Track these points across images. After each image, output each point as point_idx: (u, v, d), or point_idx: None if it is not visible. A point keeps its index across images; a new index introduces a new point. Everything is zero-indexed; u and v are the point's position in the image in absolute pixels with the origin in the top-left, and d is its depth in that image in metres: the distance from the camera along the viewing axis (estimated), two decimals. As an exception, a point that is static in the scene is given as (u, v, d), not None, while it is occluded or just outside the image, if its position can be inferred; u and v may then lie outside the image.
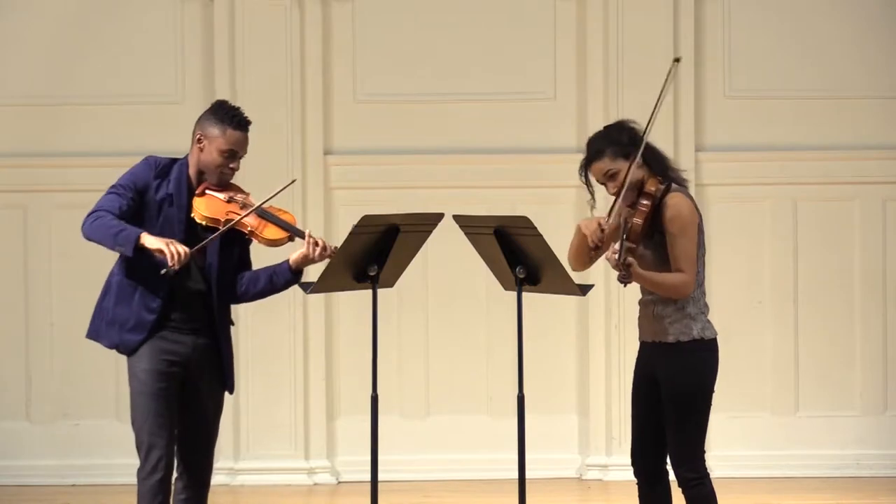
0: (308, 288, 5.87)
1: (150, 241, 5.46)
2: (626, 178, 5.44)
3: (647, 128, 5.51)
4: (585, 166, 5.56)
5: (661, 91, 5.51)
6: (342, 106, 8.90)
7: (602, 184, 5.55)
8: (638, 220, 5.39)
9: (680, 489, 5.52)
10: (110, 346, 5.67)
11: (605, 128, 5.64)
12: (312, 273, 5.75)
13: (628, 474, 5.80)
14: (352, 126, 8.91)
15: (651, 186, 5.44)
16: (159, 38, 8.85)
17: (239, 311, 8.64)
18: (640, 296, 5.66)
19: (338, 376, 8.89)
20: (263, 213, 5.64)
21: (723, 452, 8.54)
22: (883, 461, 8.87)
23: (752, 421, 8.87)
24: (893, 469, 8.86)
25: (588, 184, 5.60)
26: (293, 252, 5.70)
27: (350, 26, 8.89)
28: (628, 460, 5.68)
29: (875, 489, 8.52)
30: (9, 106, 8.86)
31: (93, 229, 5.52)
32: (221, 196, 5.63)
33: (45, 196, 8.83)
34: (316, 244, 5.63)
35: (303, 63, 8.77)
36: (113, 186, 5.60)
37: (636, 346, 5.71)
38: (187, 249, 5.45)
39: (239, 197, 5.65)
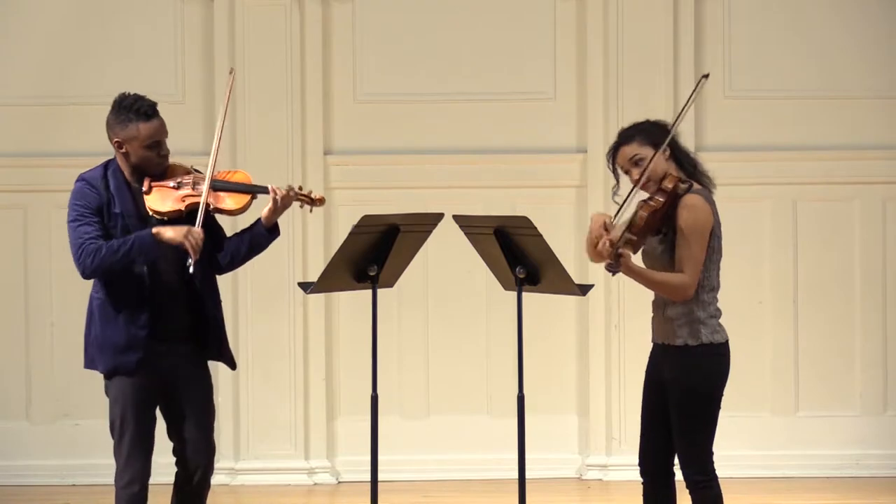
0: (308, 288, 5.87)
1: (167, 234, 5.40)
2: (648, 163, 5.40)
3: (675, 122, 5.50)
4: (614, 151, 5.54)
5: (690, 97, 5.54)
6: (342, 106, 8.89)
7: (626, 172, 5.51)
8: (643, 214, 5.33)
9: (687, 490, 5.52)
10: (107, 372, 5.52)
11: (638, 122, 5.63)
12: (312, 273, 5.74)
13: (628, 474, 5.81)
14: (352, 126, 8.91)
15: (669, 183, 5.39)
16: (159, 38, 8.84)
17: (239, 311, 8.65)
18: (641, 296, 5.66)
19: (338, 376, 8.89)
20: (216, 186, 5.53)
21: (723, 452, 8.39)
22: (883, 461, 8.87)
23: (752, 421, 8.86)
24: (893, 469, 8.85)
25: (615, 171, 5.57)
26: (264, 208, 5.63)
27: (350, 26, 8.89)
28: (628, 460, 5.70)
29: (875, 489, 8.52)
30: (9, 106, 8.85)
31: (99, 261, 5.43)
32: (170, 184, 5.54)
33: (45, 196, 8.81)
34: (282, 196, 5.55)
35: (303, 63, 8.77)
36: (73, 220, 5.51)
37: (636, 346, 5.73)
38: (201, 233, 5.39)
39: (187, 178, 5.55)
